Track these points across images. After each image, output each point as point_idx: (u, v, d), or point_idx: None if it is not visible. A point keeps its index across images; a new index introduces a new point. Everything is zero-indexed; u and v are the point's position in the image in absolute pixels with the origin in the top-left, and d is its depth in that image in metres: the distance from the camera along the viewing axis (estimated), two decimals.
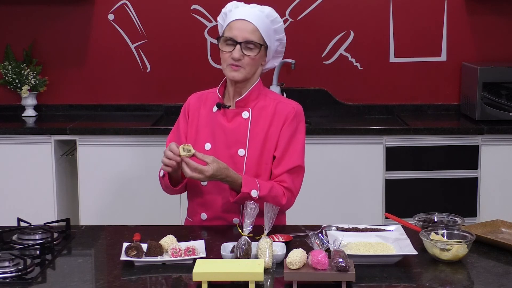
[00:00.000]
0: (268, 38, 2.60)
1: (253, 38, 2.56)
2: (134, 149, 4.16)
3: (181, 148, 2.46)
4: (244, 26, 2.57)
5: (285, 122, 2.62)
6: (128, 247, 2.23)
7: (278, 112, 2.63)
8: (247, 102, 2.64)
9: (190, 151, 2.46)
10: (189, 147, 2.47)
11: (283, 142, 2.61)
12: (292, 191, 2.61)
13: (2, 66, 4.50)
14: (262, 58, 2.63)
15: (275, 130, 2.62)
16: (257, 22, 2.57)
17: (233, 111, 2.64)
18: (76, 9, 4.62)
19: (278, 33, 2.64)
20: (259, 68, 2.65)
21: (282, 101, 2.68)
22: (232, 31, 2.58)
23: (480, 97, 4.30)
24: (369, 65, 4.67)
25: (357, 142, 4.16)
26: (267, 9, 2.63)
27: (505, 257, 2.28)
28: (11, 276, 2.10)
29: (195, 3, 4.61)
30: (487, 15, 4.60)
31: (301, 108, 2.69)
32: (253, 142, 2.61)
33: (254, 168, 2.59)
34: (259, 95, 2.66)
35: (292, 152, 2.61)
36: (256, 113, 2.64)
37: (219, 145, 2.62)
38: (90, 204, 4.18)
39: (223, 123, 2.64)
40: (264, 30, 2.58)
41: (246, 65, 2.58)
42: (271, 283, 2.09)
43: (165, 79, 4.68)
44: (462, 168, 4.18)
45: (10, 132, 4.17)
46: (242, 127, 2.63)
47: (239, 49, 2.56)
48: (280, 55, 2.74)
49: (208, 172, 2.44)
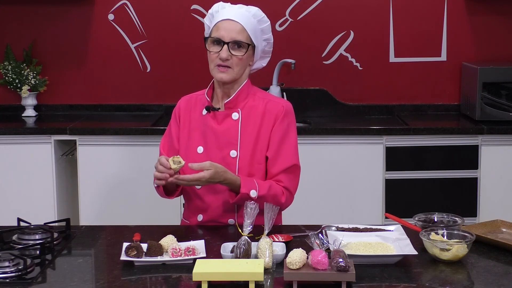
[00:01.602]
0: (255, 38, 2.61)
1: (240, 38, 2.57)
2: (134, 149, 4.16)
3: (171, 161, 2.46)
4: (231, 26, 2.57)
5: (275, 121, 2.62)
6: (128, 247, 2.23)
7: (268, 111, 2.63)
8: (236, 103, 2.64)
9: (180, 163, 2.47)
10: (178, 158, 2.47)
11: (275, 141, 2.61)
12: (290, 190, 2.61)
13: (2, 66, 4.50)
14: (250, 58, 2.63)
15: (266, 130, 2.62)
16: (244, 22, 2.58)
17: (222, 113, 2.64)
18: (76, 9, 4.62)
19: (265, 33, 2.65)
20: (247, 68, 2.65)
21: (271, 100, 2.67)
22: (219, 31, 2.58)
23: (480, 97, 4.30)
24: (369, 65, 4.67)
25: (357, 142, 4.16)
26: (253, 9, 2.64)
27: (505, 257, 2.28)
28: (11, 276, 2.10)
29: (195, 3, 4.61)
30: (487, 15, 4.60)
31: (291, 106, 2.69)
32: (244, 143, 2.61)
33: (247, 169, 2.59)
34: (248, 95, 2.66)
35: (286, 151, 2.61)
36: (246, 114, 2.64)
37: (211, 147, 2.62)
38: (90, 204, 4.18)
39: (214, 125, 2.64)
40: (251, 30, 2.59)
41: (234, 65, 2.58)
42: (271, 283, 2.09)
43: (165, 79, 4.68)
44: (462, 168, 4.18)
45: (10, 132, 4.17)
46: (232, 128, 2.63)
47: (226, 49, 2.56)
48: (268, 56, 2.74)
49: (205, 177, 2.45)
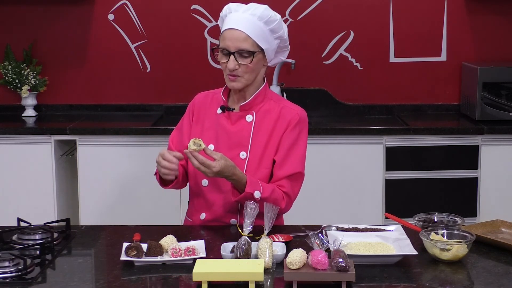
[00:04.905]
0: (263, 41, 2.55)
1: (245, 46, 2.53)
2: (134, 149, 4.16)
3: (191, 142, 2.44)
4: (235, 36, 2.53)
5: (287, 127, 2.62)
6: (128, 247, 2.23)
7: (282, 116, 2.63)
8: (251, 106, 2.63)
9: (200, 146, 2.44)
10: (200, 141, 2.44)
11: (285, 146, 2.60)
12: (290, 197, 2.61)
13: (2, 66, 4.50)
14: (260, 63, 2.60)
15: (277, 135, 2.61)
16: (248, 29, 2.53)
17: (237, 114, 2.64)
18: (76, 9, 4.62)
19: (275, 32, 2.59)
20: (261, 70, 2.63)
21: (286, 106, 2.66)
22: (225, 41, 2.56)
23: (480, 97, 4.30)
24: (369, 65, 4.67)
25: (357, 142, 4.16)
26: (259, 10, 2.56)
27: (505, 257, 2.28)
28: (11, 276, 2.10)
29: (195, 3, 4.61)
30: (487, 15, 4.60)
31: (305, 114, 2.68)
32: (255, 145, 2.61)
33: (254, 172, 2.59)
34: (264, 98, 2.65)
35: (293, 158, 2.61)
36: (260, 117, 2.63)
37: (222, 146, 2.61)
38: (90, 204, 4.18)
39: (227, 125, 2.64)
40: (257, 36, 2.54)
41: (243, 73, 2.56)
42: (271, 283, 2.09)
43: (165, 79, 4.68)
44: (462, 168, 4.18)
45: (10, 132, 4.17)
46: (245, 130, 2.62)
47: (233, 60, 2.54)
48: (285, 50, 2.70)
49: (216, 168, 2.43)
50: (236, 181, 2.51)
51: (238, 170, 2.51)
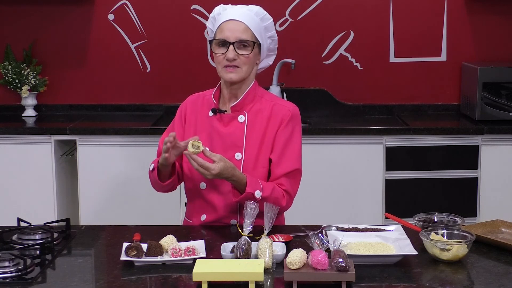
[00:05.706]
0: (260, 36, 2.62)
1: (245, 37, 2.58)
2: (134, 149, 4.16)
3: (190, 144, 2.44)
4: (235, 26, 2.58)
5: (280, 124, 2.62)
6: (128, 247, 2.23)
7: (274, 114, 2.64)
8: (242, 106, 2.64)
9: (199, 148, 2.44)
10: (198, 143, 2.45)
11: (280, 144, 2.61)
12: (290, 194, 2.62)
13: (2, 66, 4.50)
14: (256, 57, 2.64)
15: (271, 133, 2.62)
16: (248, 21, 2.59)
17: (228, 115, 2.64)
18: (76, 9, 4.62)
19: (269, 30, 2.66)
20: (254, 67, 2.66)
21: (278, 103, 2.67)
22: (223, 32, 2.58)
23: (480, 97, 4.30)
24: (369, 65, 4.67)
25: (357, 142, 4.16)
26: (255, 8, 2.65)
27: (505, 257, 2.28)
28: (11, 276, 2.10)
29: (195, 3, 4.61)
30: (487, 15, 4.60)
31: (298, 110, 2.69)
32: (249, 145, 2.62)
33: (251, 172, 2.59)
34: (255, 97, 2.66)
35: (290, 155, 2.61)
36: (252, 116, 2.64)
37: (216, 149, 2.61)
38: (90, 204, 4.18)
39: (219, 127, 2.64)
40: (255, 28, 2.60)
41: (242, 64, 2.58)
42: (271, 283, 2.09)
43: (165, 79, 4.68)
44: (462, 168, 4.18)
45: (10, 132, 4.17)
46: (238, 131, 2.63)
47: (232, 49, 2.56)
48: (273, 53, 2.75)
49: (215, 170, 2.44)
50: (236, 182, 2.51)
51: (238, 171, 2.51)
